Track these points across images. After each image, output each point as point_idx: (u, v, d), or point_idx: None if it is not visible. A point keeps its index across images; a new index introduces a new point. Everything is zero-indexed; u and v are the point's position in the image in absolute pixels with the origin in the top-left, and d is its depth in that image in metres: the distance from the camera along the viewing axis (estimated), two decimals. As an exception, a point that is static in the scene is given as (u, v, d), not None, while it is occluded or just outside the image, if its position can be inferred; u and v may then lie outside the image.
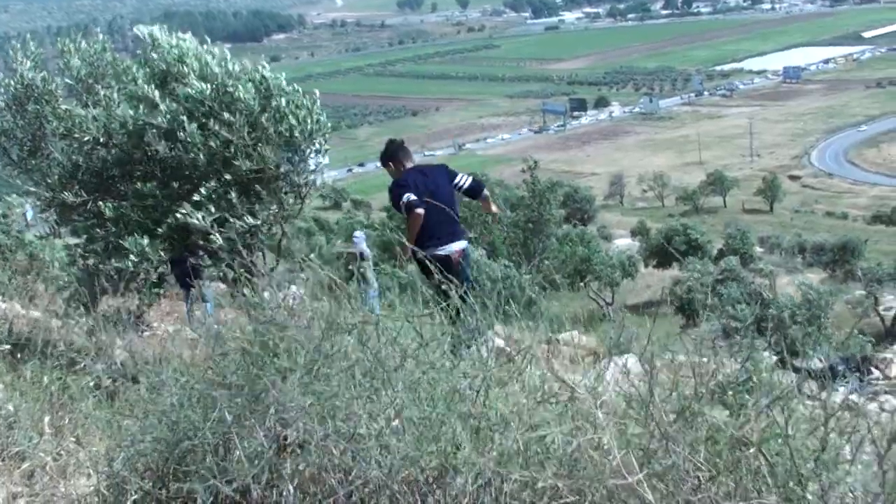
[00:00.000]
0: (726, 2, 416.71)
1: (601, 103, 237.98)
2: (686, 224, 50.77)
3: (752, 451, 3.26)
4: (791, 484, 3.19)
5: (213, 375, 4.14)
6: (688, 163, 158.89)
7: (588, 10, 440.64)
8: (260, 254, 7.40)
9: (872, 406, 8.55)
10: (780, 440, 3.32)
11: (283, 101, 7.14)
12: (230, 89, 6.98)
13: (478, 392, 3.67)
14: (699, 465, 3.12)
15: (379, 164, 9.30)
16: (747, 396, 3.83)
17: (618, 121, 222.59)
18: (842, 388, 9.37)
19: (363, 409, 3.55)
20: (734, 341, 15.86)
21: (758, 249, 74.34)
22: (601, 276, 40.52)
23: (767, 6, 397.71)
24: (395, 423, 3.53)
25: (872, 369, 8.64)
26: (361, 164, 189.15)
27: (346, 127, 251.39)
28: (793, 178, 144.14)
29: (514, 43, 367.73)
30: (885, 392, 8.82)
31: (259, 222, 7.13)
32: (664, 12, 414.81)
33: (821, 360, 9.62)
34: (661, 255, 49.13)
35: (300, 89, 7.50)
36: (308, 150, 7.26)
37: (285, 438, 3.77)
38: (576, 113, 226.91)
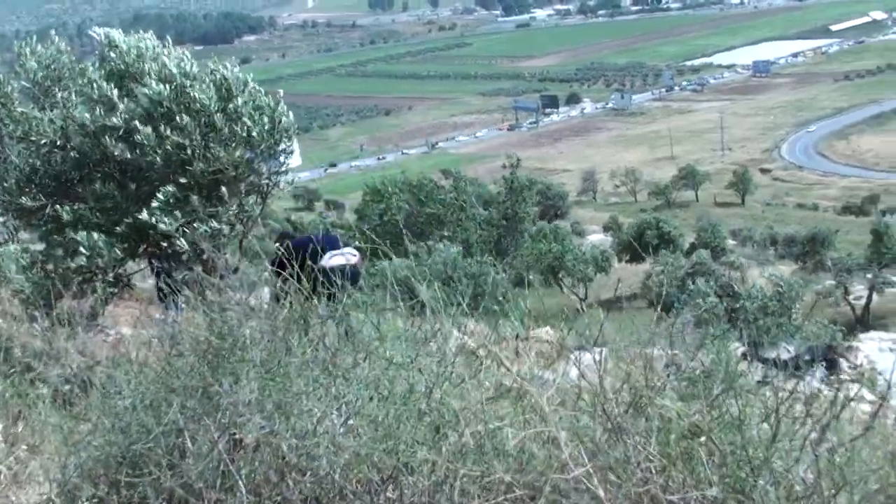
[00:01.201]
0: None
1: (573, 100, 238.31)
2: (658, 218, 50.87)
3: (703, 440, 3.23)
4: (743, 474, 3.15)
5: (167, 377, 4.07)
6: (659, 158, 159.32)
7: (558, 7, 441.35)
8: (224, 255, 7.29)
9: (839, 395, 8.51)
10: (733, 429, 3.28)
11: (240, 101, 7.01)
12: (188, 90, 6.86)
13: (430, 390, 3.61)
14: (651, 456, 3.07)
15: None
16: (700, 386, 3.78)
17: (589, 117, 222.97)
18: (807, 377, 9.40)
19: (318, 406, 3.48)
20: (705, 333, 15.90)
21: (730, 242, 74.72)
22: (574, 273, 40.54)
23: (736, 1, 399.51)
24: (352, 421, 3.47)
25: (838, 358, 8.68)
26: (333, 165, 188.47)
27: (318, 128, 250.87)
28: (763, 171, 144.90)
29: (486, 41, 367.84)
30: (852, 381, 8.81)
31: (222, 225, 7.01)
32: (634, 8, 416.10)
33: (788, 351, 9.62)
34: (633, 249, 49.25)
35: (262, 90, 7.37)
36: (269, 151, 7.14)
37: (240, 440, 3.71)
38: (548, 110, 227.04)
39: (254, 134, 6.89)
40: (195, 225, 6.88)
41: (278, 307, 4.53)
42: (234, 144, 6.87)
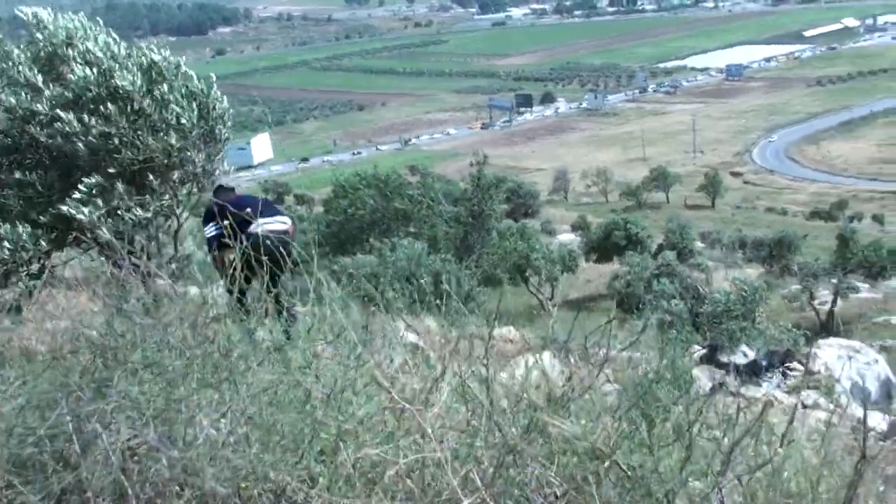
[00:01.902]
0: (670, 0, 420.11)
1: (547, 99, 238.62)
2: (626, 219, 50.73)
3: (607, 463, 2.94)
4: (658, 497, 2.87)
5: (59, 375, 3.75)
6: (632, 159, 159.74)
7: (535, 6, 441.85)
8: (153, 245, 6.99)
9: (794, 401, 8.35)
10: (643, 450, 3.01)
11: (166, 86, 6.67)
12: (115, 76, 6.53)
13: (328, 399, 3.30)
14: (552, 479, 2.79)
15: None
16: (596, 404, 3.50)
17: (563, 116, 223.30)
18: (764, 383, 9.22)
19: (203, 414, 3.18)
20: (669, 335, 15.62)
21: (699, 244, 74.85)
22: (540, 271, 40.28)
23: (710, 5, 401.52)
24: (241, 430, 3.17)
25: (795, 364, 8.51)
26: (306, 160, 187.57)
27: (292, 121, 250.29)
28: (735, 174, 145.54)
29: (462, 38, 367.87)
30: (808, 387, 8.62)
31: (150, 214, 6.68)
32: (610, 9, 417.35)
33: (745, 355, 9.41)
34: (601, 249, 49.14)
35: (194, 74, 7.03)
36: (204, 138, 6.82)
37: (131, 448, 3.42)
38: (522, 109, 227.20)
39: (183, 121, 6.55)
40: (119, 214, 6.55)
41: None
42: (163, 132, 6.53)
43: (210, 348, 3.40)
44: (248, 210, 7.37)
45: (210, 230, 7.75)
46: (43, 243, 6.65)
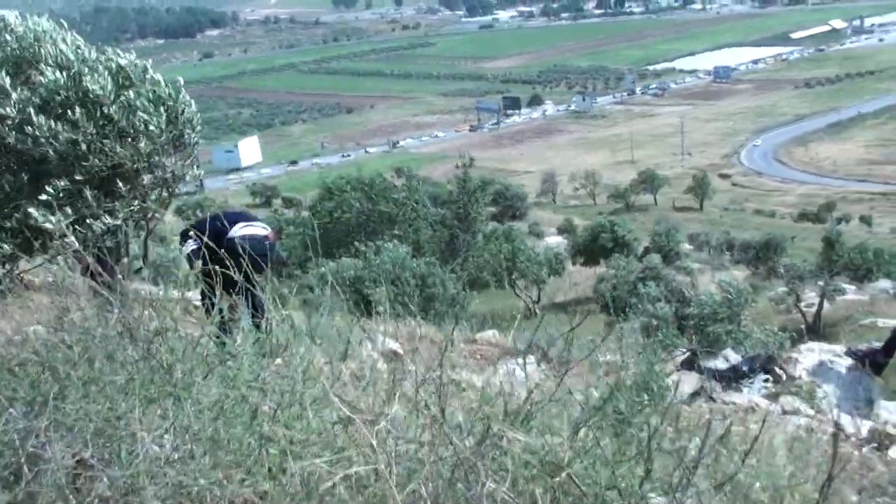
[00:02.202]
0: (658, 2, 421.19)
1: (535, 101, 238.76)
2: (613, 221, 50.67)
3: (563, 476, 2.82)
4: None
5: (5, 388, 3.62)
6: (620, 161, 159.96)
7: (522, 8, 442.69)
8: (122, 252, 6.87)
9: (774, 407, 8.26)
10: (600, 464, 2.89)
11: (132, 92, 6.55)
12: (85, 80, 6.42)
13: (276, 412, 3.17)
14: (505, 496, 2.68)
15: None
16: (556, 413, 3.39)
17: (551, 119, 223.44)
18: (745, 388, 9.14)
19: (147, 431, 3.05)
20: (654, 339, 15.54)
21: (687, 247, 74.88)
22: (527, 274, 40.25)
23: (698, 7, 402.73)
24: (186, 446, 3.04)
25: (777, 369, 8.42)
26: (294, 162, 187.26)
27: (280, 124, 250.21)
28: (723, 176, 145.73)
29: (449, 41, 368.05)
30: (789, 393, 8.54)
31: (119, 221, 6.56)
32: (597, 12, 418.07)
33: (727, 360, 9.32)
34: (588, 252, 49.06)
35: (161, 79, 6.90)
36: (174, 143, 6.71)
37: (79, 464, 3.30)
38: (509, 111, 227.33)
39: (151, 126, 6.44)
40: (88, 221, 6.43)
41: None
42: (130, 137, 6.41)
43: (154, 362, 3.28)
44: (226, 221, 7.27)
45: (189, 246, 7.66)
46: (6, 247, 6.53)
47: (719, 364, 9.20)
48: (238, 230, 7.69)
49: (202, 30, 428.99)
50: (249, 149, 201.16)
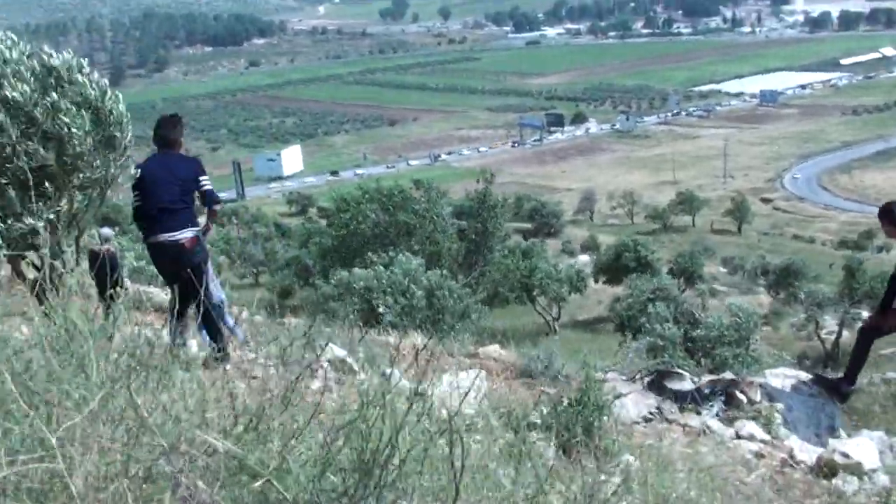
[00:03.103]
0: (707, 23, 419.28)
1: (578, 119, 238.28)
2: (636, 241, 50.44)
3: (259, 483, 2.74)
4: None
5: None
6: (662, 181, 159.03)
7: (569, 25, 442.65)
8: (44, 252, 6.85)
9: (728, 431, 8.12)
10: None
11: (55, 95, 6.52)
12: (4, 85, 6.40)
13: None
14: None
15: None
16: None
17: (594, 137, 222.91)
18: (704, 411, 8.99)
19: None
20: (660, 359, 15.35)
21: (721, 269, 74.37)
22: (547, 291, 40.14)
23: (747, 29, 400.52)
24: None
25: (738, 393, 8.27)
26: (335, 173, 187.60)
27: (322, 134, 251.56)
28: (765, 200, 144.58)
29: (495, 56, 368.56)
30: (746, 418, 8.39)
31: (42, 223, 6.54)
32: (645, 31, 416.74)
33: (694, 382, 9.18)
34: (612, 271, 48.84)
35: (89, 80, 6.84)
36: (105, 144, 6.67)
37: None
38: (553, 128, 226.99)
39: (74, 129, 6.41)
40: (9, 223, 6.43)
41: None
42: (56, 139, 6.40)
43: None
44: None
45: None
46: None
47: (686, 385, 9.05)
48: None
49: (249, 38, 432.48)
50: (292, 158, 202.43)
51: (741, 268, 70.33)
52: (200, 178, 8.27)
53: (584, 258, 66.60)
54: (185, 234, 8.06)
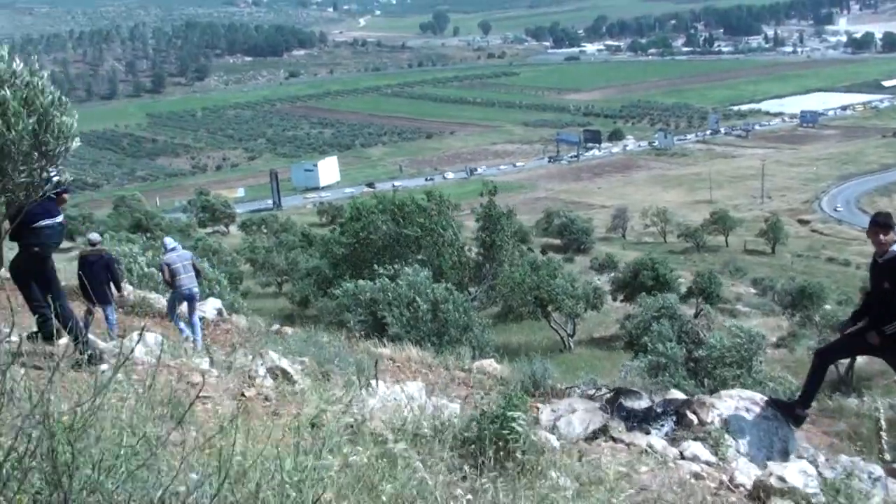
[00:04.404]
0: (748, 42, 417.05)
1: (616, 136, 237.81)
2: (654, 259, 50.08)
3: None
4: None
5: None
6: (698, 200, 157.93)
7: (609, 42, 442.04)
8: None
9: (672, 451, 7.94)
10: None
11: (7, 91, 6.43)
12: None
13: None
14: None
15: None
16: None
17: (631, 154, 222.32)
18: (654, 431, 8.80)
19: None
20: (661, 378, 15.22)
21: (750, 290, 73.69)
22: (562, 307, 39.90)
23: (789, 49, 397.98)
24: None
25: (688, 413, 8.08)
26: (371, 185, 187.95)
27: (359, 146, 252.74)
28: (802, 221, 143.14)
29: (534, 71, 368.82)
30: (694, 438, 8.20)
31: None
32: (685, 49, 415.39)
33: (651, 401, 9.01)
34: (630, 288, 48.50)
35: (39, 84, 6.72)
36: (42, 151, 6.60)
37: None
38: (590, 144, 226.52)
39: (14, 132, 6.34)
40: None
41: None
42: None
43: None
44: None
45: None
46: None
47: (642, 404, 8.88)
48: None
49: (289, 49, 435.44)
50: (328, 169, 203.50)
51: (771, 289, 69.58)
52: None
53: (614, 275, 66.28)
54: None
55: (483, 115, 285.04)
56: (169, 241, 16.47)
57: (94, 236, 15.70)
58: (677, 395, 9.56)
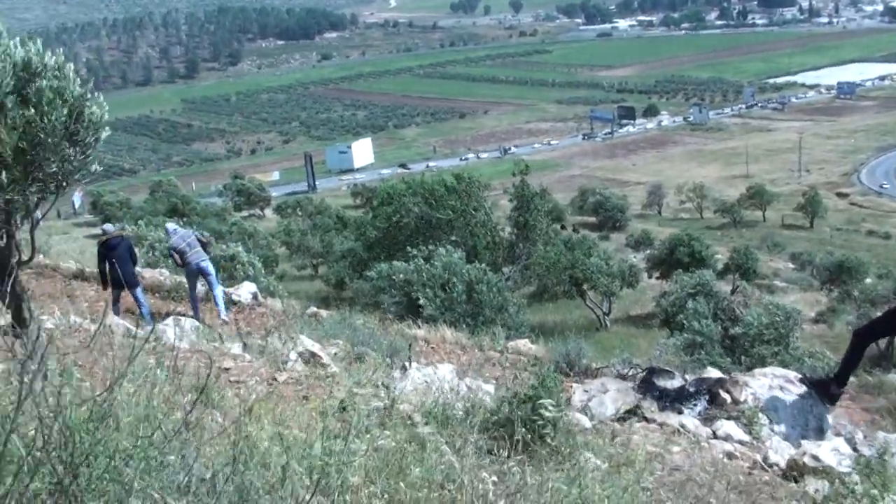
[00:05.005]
0: (782, 14, 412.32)
1: (650, 112, 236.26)
2: (690, 235, 49.70)
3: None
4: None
5: None
6: (735, 175, 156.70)
7: (641, 17, 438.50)
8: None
9: (705, 431, 7.91)
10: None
11: (43, 81, 6.47)
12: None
13: None
14: None
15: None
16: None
17: (666, 130, 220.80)
18: (686, 410, 8.76)
19: None
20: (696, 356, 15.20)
21: (788, 265, 73.06)
22: (597, 285, 39.78)
23: (824, 20, 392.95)
24: None
25: (721, 392, 8.03)
26: (404, 166, 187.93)
27: (393, 127, 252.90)
28: (841, 195, 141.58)
29: (566, 48, 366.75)
30: (727, 418, 8.16)
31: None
32: (719, 23, 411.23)
33: (684, 380, 8.97)
34: (665, 265, 48.20)
35: (69, 73, 6.76)
36: (72, 140, 6.65)
37: None
38: (624, 121, 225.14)
39: (48, 119, 6.38)
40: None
41: None
42: (20, 129, 6.37)
43: None
44: None
45: None
46: None
47: (674, 383, 8.84)
48: None
49: (321, 32, 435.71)
50: (362, 150, 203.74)
51: (809, 263, 68.97)
52: None
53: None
54: None
55: (516, 94, 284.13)
56: (170, 226, 16.60)
57: (108, 226, 15.85)
58: (712, 373, 9.50)
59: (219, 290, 15.85)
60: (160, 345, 7.30)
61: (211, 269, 15.93)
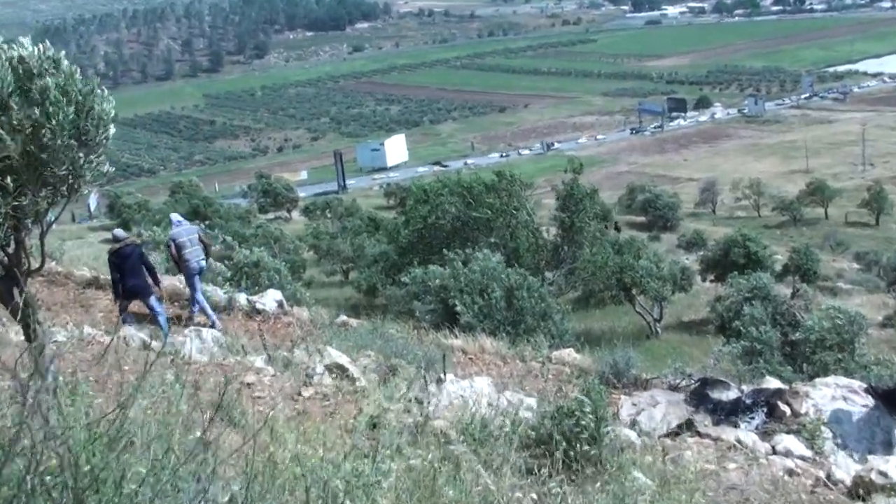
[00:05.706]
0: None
1: (702, 104, 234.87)
2: (746, 236, 49.22)
3: None
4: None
5: None
6: (794, 170, 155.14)
7: (692, 4, 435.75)
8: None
9: (763, 446, 7.78)
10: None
11: (49, 80, 6.46)
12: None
13: None
14: None
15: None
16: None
17: (719, 123, 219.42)
18: (743, 424, 8.63)
19: None
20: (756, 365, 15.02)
21: (853, 265, 72.18)
22: (647, 290, 39.51)
23: (887, 5, 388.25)
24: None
25: (780, 404, 7.90)
26: (437, 163, 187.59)
27: (428, 122, 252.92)
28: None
29: (612, 37, 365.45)
30: (787, 431, 8.03)
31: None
32: (774, 9, 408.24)
33: (741, 391, 8.84)
34: (720, 267, 47.73)
35: (75, 71, 6.75)
36: (82, 140, 6.64)
37: None
38: (674, 114, 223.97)
39: (54, 121, 6.37)
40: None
41: None
42: (26, 130, 6.36)
43: None
44: None
45: None
46: None
47: (730, 395, 8.72)
48: None
49: (352, 22, 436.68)
50: (396, 148, 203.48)
51: (875, 263, 68.12)
52: None
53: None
54: None
55: (559, 86, 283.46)
56: (174, 217, 16.68)
57: (120, 232, 15.89)
58: (770, 383, 9.36)
59: (201, 295, 15.88)
60: (178, 358, 7.28)
61: (206, 272, 16.06)
